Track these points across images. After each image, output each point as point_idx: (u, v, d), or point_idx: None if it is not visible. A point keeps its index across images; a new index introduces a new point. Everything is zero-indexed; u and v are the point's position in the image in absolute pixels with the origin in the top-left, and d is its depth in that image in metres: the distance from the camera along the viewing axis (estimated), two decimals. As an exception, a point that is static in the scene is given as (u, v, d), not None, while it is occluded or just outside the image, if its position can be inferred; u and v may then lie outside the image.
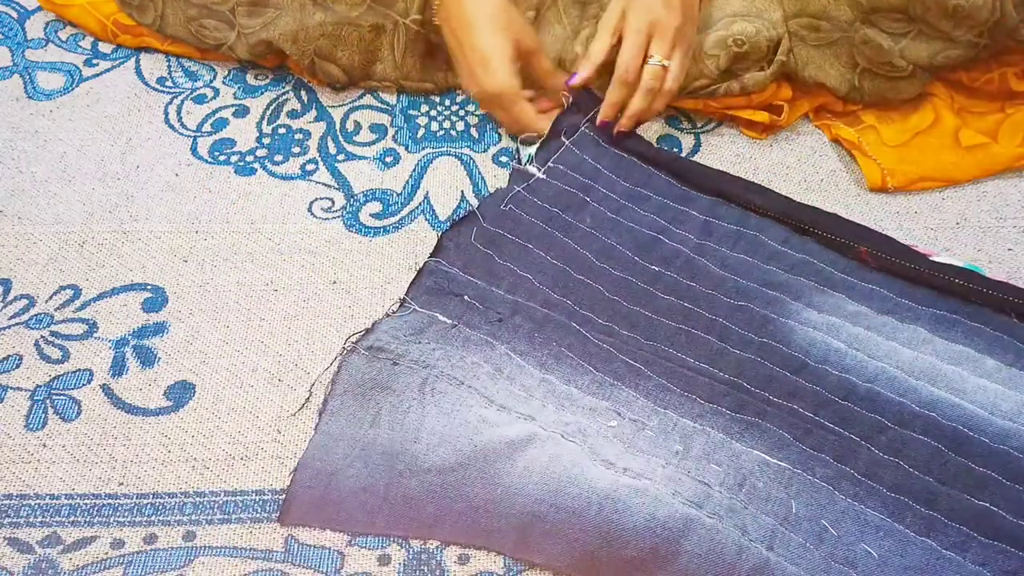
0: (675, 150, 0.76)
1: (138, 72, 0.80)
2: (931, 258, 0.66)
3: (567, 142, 0.73)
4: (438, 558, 0.56)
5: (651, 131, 0.78)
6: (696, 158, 0.76)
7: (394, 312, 0.65)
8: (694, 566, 0.53)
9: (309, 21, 0.73)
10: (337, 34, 0.74)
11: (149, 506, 0.58)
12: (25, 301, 0.67)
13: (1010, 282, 0.65)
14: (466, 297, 0.64)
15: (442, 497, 0.56)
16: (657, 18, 0.68)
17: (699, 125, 0.78)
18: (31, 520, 0.57)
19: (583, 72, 0.71)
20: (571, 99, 0.73)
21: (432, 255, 0.67)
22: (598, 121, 0.72)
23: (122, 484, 0.59)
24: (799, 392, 0.60)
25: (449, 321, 0.63)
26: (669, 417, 0.59)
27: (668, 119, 0.78)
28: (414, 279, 0.66)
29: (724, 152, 0.76)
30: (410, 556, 0.56)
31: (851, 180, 0.75)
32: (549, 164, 0.72)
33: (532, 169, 0.72)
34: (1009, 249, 0.71)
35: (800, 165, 0.76)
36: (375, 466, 0.58)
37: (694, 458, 0.57)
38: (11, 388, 0.63)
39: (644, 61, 0.69)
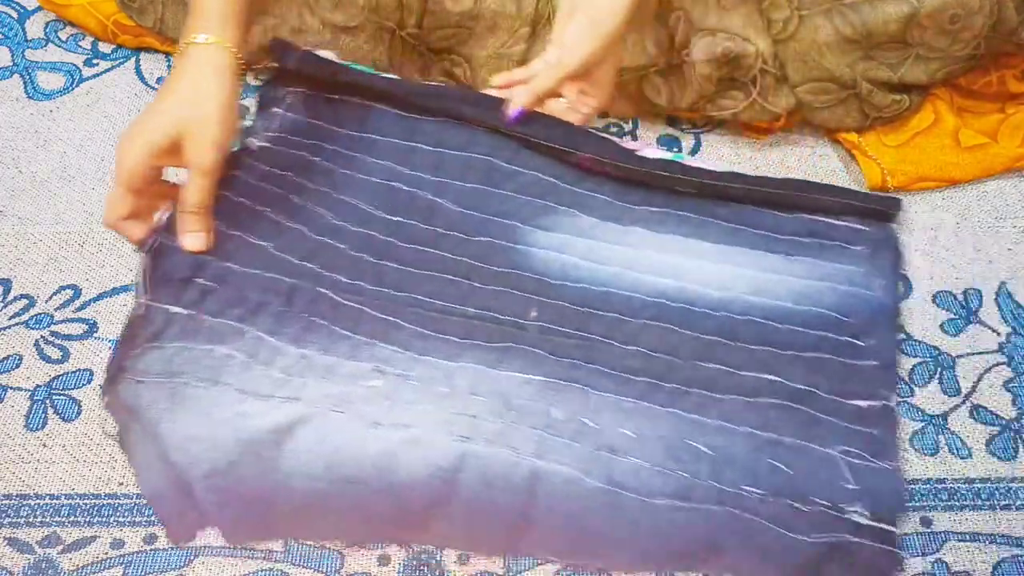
0: (675, 150, 0.77)
1: (138, 72, 0.80)
2: (639, 153, 0.69)
3: (281, 111, 0.70)
4: (438, 558, 0.56)
5: (651, 131, 0.78)
6: (697, 158, 0.76)
7: (131, 314, 0.60)
8: (474, 494, 0.55)
9: (307, 30, 0.73)
10: (335, 43, 0.74)
11: (149, 506, 0.58)
12: (25, 301, 0.67)
13: (706, 167, 0.69)
14: (200, 280, 0.61)
15: (223, 500, 0.55)
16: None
17: (699, 125, 0.78)
18: (31, 520, 0.57)
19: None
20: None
21: (156, 230, 0.61)
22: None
23: (122, 484, 0.59)
24: (548, 310, 0.64)
25: (186, 311, 0.60)
26: (430, 363, 0.60)
27: (668, 120, 0.78)
28: (143, 267, 0.60)
29: (724, 152, 0.76)
30: (410, 556, 0.56)
31: (851, 180, 0.75)
32: (269, 133, 0.69)
33: (251, 141, 0.68)
34: (1009, 249, 0.71)
35: (800, 165, 0.76)
36: (166, 480, 0.56)
37: (459, 396, 0.59)
38: (11, 388, 0.63)
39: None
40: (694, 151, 0.77)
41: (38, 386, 0.63)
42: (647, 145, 0.71)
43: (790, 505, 0.56)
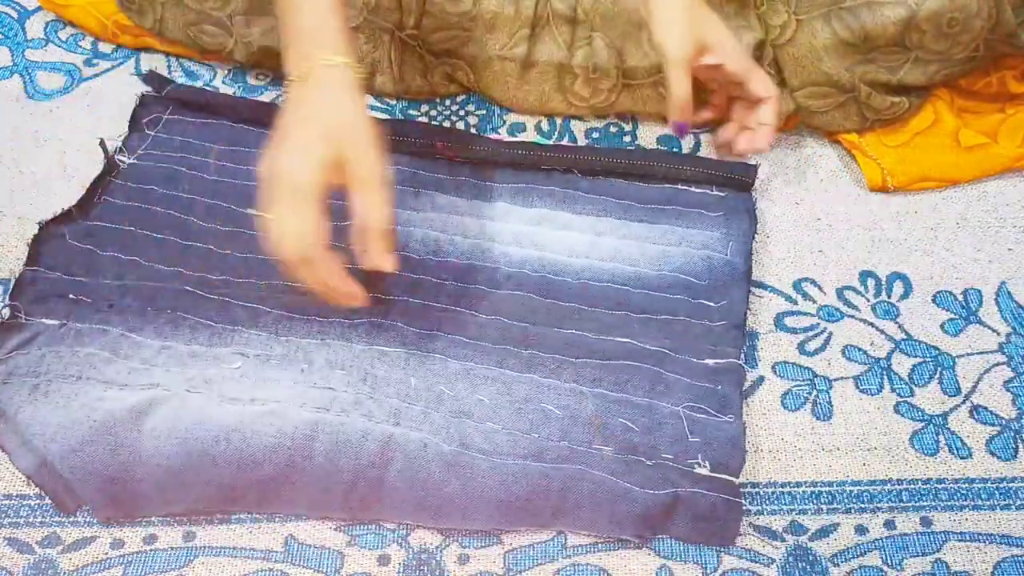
0: (674, 149, 0.77)
1: (138, 72, 0.80)
2: (495, 139, 0.74)
3: (152, 133, 0.74)
4: (438, 558, 0.56)
5: (651, 131, 0.78)
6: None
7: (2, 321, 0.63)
8: (327, 460, 0.57)
9: None
10: None
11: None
12: (25, 301, 0.67)
13: (566, 144, 0.74)
14: (71, 295, 0.64)
15: (83, 479, 0.57)
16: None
17: (699, 126, 0.78)
18: (31, 520, 0.57)
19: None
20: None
21: (26, 265, 0.66)
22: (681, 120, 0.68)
23: (122, 484, 0.59)
24: (412, 286, 0.66)
25: (57, 322, 0.63)
26: (292, 343, 0.62)
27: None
28: (13, 291, 0.64)
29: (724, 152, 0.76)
30: (410, 556, 0.56)
31: (851, 180, 0.75)
32: (139, 152, 0.73)
33: (121, 158, 0.72)
34: (1009, 249, 0.71)
35: (800, 165, 0.76)
36: (34, 462, 0.58)
37: (318, 370, 0.61)
38: (11, 388, 0.63)
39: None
40: (694, 151, 0.77)
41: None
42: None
43: (638, 461, 0.58)
